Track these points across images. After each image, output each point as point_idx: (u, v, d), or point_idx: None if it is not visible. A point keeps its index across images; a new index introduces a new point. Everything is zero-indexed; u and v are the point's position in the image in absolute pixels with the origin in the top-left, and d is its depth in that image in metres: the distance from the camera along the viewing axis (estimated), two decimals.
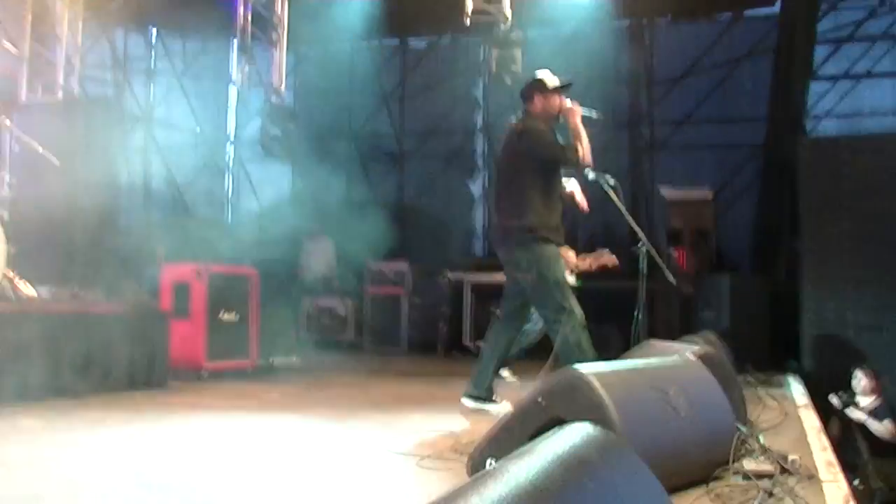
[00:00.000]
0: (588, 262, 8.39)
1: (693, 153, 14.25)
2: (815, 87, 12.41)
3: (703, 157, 14.15)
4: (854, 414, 8.55)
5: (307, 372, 8.94)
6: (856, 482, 8.13)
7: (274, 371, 8.85)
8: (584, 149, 5.84)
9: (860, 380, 8.64)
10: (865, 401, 8.57)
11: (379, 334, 12.68)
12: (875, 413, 8.48)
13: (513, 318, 6.27)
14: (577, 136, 5.88)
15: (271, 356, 8.91)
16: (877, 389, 8.57)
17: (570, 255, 8.15)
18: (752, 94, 13.54)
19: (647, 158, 14.37)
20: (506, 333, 6.32)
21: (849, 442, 8.51)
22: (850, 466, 8.36)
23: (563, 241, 6.08)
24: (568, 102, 6.03)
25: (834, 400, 8.64)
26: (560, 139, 5.99)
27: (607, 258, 8.55)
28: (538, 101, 6.06)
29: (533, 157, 5.90)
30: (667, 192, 11.86)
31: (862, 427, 8.49)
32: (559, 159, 5.92)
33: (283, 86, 10.08)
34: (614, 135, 14.46)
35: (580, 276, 8.33)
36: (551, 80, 6.08)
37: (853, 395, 8.64)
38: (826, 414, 8.40)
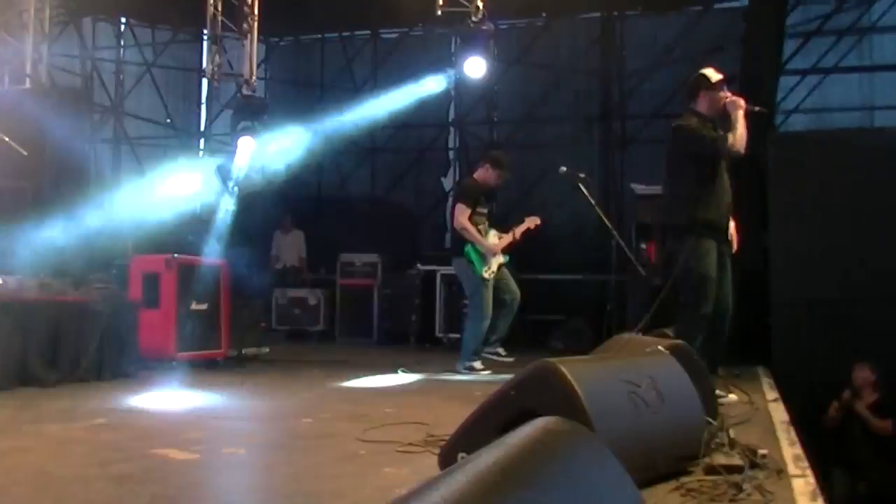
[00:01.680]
0: (511, 235, 8.47)
1: (664, 147, 14.24)
2: (784, 82, 12.44)
3: None
4: (857, 407, 8.60)
5: (278, 362, 8.92)
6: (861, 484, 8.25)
7: (245, 361, 8.79)
8: (737, 138, 5.83)
9: (858, 374, 8.69)
10: (866, 395, 8.63)
11: (350, 325, 12.68)
12: (874, 408, 8.54)
13: None
14: (732, 127, 5.88)
15: (242, 346, 8.85)
16: (876, 384, 8.62)
17: (494, 241, 8.32)
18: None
19: (618, 153, 14.35)
20: None
21: (848, 433, 8.59)
22: (852, 462, 8.46)
23: (723, 236, 6.10)
24: (732, 96, 6.05)
25: (845, 395, 8.70)
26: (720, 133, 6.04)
27: (529, 221, 8.65)
28: (703, 98, 6.12)
29: (684, 152, 6.04)
30: (637, 187, 11.90)
31: (863, 424, 8.55)
32: (707, 150, 5.96)
33: (255, 77, 9.97)
34: (585, 129, 14.50)
35: (509, 251, 8.48)
36: (714, 76, 6.14)
37: (858, 389, 8.69)
38: (809, 406, 8.45)
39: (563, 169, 7.85)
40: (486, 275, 8.13)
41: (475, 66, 10.30)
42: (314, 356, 10.21)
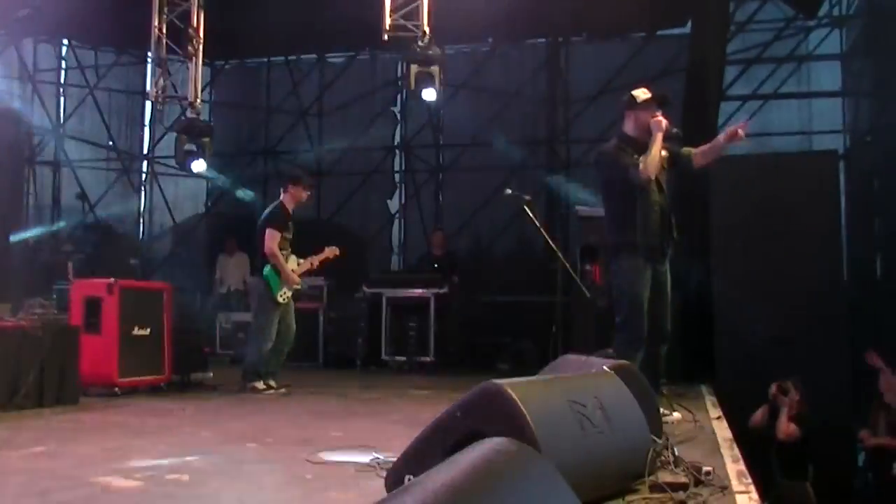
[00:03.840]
0: (309, 263, 8.80)
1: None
2: (726, 107, 12.64)
3: None
4: (780, 401, 8.71)
5: (223, 387, 8.79)
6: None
7: (189, 387, 8.66)
8: (647, 163, 5.89)
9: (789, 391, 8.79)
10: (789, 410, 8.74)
11: (296, 349, 12.52)
12: (793, 418, 8.63)
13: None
14: (648, 150, 5.94)
15: (186, 372, 8.72)
16: (802, 401, 8.72)
17: (294, 267, 8.61)
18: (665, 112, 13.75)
19: (564, 176, 14.45)
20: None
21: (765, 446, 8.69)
22: (763, 483, 8.55)
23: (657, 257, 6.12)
24: (660, 117, 6.06)
25: (772, 390, 8.78)
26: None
27: (329, 251, 8.92)
28: (629, 119, 6.16)
29: (607, 177, 6.15)
30: (581, 209, 11.98)
31: (777, 448, 8.65)
32: (620, 175, 6.00)
33: (199, 100, 9.91)
34: (531, 153, 14.59)
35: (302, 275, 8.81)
36: (642, 95, 6.15)
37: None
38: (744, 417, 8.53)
39: (509, 191, 7.91)
40: (280, 298, 8.41)
41: (429, 92, 10.34)
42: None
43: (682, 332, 9.51)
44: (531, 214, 7.65)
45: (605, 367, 4.33)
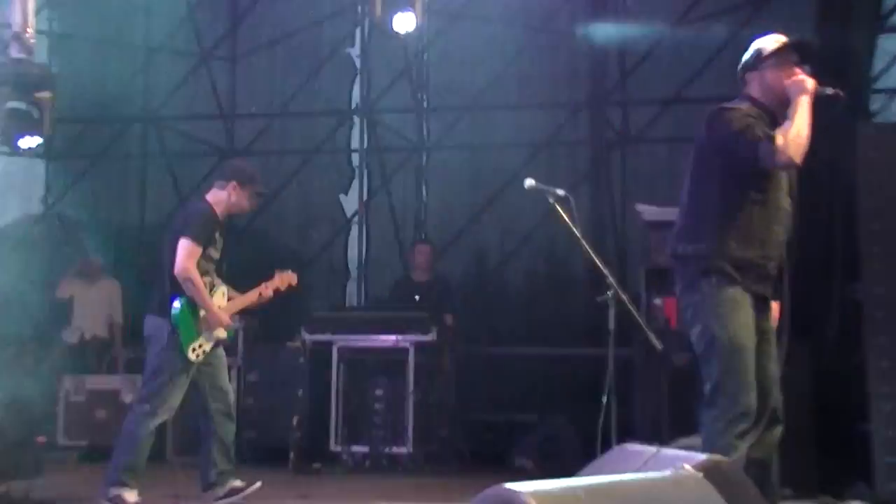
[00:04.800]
0: (256, 294, 8.91)
1: (688, 148, 14.22)
2: (888, 44, 12.48)
3: None
4: None
5: None
6: None
7: None
8: (789, 140, 5.89)
9: None
10: None
11: (191, 437, 12.31)
12: None
13: None
14: (788, 121, 5.95)
15: (2, 480, 8.47)
16: None
17: (221, 302, 8.64)
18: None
19: (617, 157, 14.40)
20: None
21: None
22: None
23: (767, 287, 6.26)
24: (802, 75, 6.10)
25: None
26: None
27: (281, 279, 9.03)
28: (754, 81, 6.29)
29: (716, 154, 6.21)
30: (645, 209, 11.83)
31: None
32: (742, 154, 6.04)
33: (32, 30, 9.70)
34: (569, 122, 14.47)
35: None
36: (771, 44, 6.24)
37: None
38: None
39: (531, 182, 7.69)
40: (191, 355, 8.27)
41: (404, 20, 10.15)
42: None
43: (817, 410, 9.36)
44: (566, 218, 7.45)
45: (687, 466, 4.25)
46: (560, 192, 7.66)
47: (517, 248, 14.28)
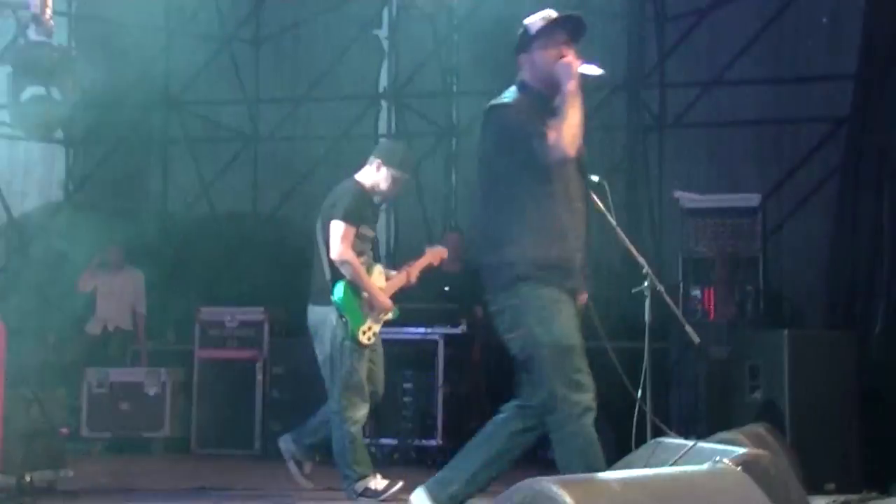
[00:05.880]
0: (406, 275, 9.03)
1: (727, 134, 14.26)
2: None
3: (745, 139, 14.20)
4: None
5: (89, 496, 8.66)
6: None
7: (30, 493, 8.46)
8: (562, 132, 5.91)
9: None
10: None
11: (217, 428, 12.40)
12: None
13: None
14: (562, 110, 5.96)
15: (26, 469, 8.53)
16: None
17: (381, 283, 8.76)
18: (833, 30, 13.68)
19: (655, 142, 14.37)
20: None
21: None
22: None
23: (577, 281, 6.27)
24: (570, 57, 6.10)
25: None
26: None
27: (431, 255, 9.22)
28: (525, 64, 6.29)
29: (496, 155, 6.22)
30: (685, 196, 11.83)
31: None
32: (518, 157, 6.06)
33: (51, 12, 9.73)
34: (604, 103, 14.42)
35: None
36: (537, 23, 6.20)
37: None
38: None
39: None
40: (363, 339, 8.41)
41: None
42: (153, 483, 10.02)
43: (861, 405, 9.36)
44: (601, 206, 7.44)
45: (726, 461, 4.36)
46: (594, 178, 7.63)
47: None
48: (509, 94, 6.26)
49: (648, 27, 14.59)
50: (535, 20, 6.16)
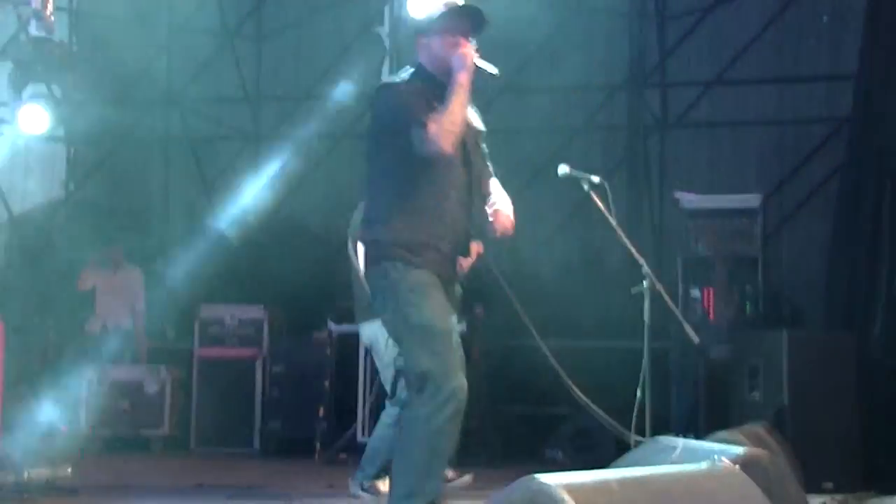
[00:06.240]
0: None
1: (728, 133, 14.29)
2: None
3: (746, 138, 14.25)
4: None
5: (89, 493, 8.70)
6: None
7: (31, 491, 8.48)
8: (442, 124, 5.79)
9: None
10: None
11: (216, 427, 12.43)
12: None
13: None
14: (446, 104, 5.86)
15: (26, 467, 8.56)
16: None
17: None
18: (833, 30, 13.73)
19: (656, 142, 14.41)
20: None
21: None
22: None
23: (447, 269, 6.16)
24: (468, 49, 6.02)
25: None
26: None
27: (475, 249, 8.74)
28: (423, 47, 6.20)
29: (379, 133, 6.20)
30: (685, 197, 11.87)
31: None
32: (398, 141, 5.96)
33: (52, 8, 9.74)
34: (605, 106, 14.46)
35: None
36: (438, 7, 6.11)
37: None
38: None
39: (565, 168, 7.73)
40: None
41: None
42: (152, 480, 10.05)
43: (860, 405, 9.39)
44: (601, 206, 7.49)
45: (725, 460, 4.40)
46: (595, 178, 7.67)
47: (550, 237, 14.28)
48: (403, 74, 6.22)
49: (650, 27, 14.63)
50: (437, 4, 6.10)
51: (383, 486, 8.26)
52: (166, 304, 13.54)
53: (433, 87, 6.00)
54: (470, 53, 5.97)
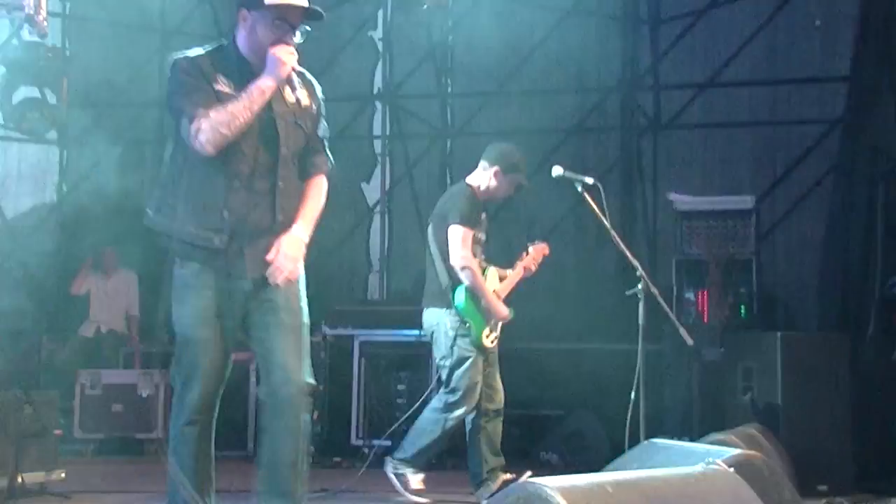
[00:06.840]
0: (520, 272, 8.86)
1: (721, 135, 14.32)
2: None
3: (739, 140, 14.28)
4: None
5: (81, 497, 8.71)
6: None
7: (22, 495, 8.50)
8: (212, 127, 5.38)
9: None
10: None
11: (226, 432, 12.38)
12: None
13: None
14: (237, 102, 5.46)
15: (18, 471, 8.55)
16: None
17: (495, 285, 8.63)
18: (826, 32, 13.68)
19: (649, 144, 14.43)
20: None
21: None
22: None
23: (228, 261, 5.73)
24: (287, 46, 5.69)
25: None
26: None
27: (537, 251, 9.03)
28: (245, 24, 5.77)
29: (169, 112, 5.82)
30: (679, 199, 11.89)
31: None
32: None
33: (45, 12, 9.74)
34: (598, 107, 14.48)
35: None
36: None
37: None
38: None
39: (559, 170, 7.77)
40: (487, 343, 8.38)
41: None
42: (146, 484, 9.92)
43: (854, 407, 9.41)
44: (595, 208, 7.53)
45: (718, 462, 4.33)
46: (589, 180, 7.71)
47: (544, 239, 14.25)
48: (207, 47, 5.85)
49: (643, 29, 14.68)
50: None
51: (414, 478, 8.49)
52: (160, 307, 13.53)
53: (237, 71, 5.67)
54: (290, 61, 5.62)
